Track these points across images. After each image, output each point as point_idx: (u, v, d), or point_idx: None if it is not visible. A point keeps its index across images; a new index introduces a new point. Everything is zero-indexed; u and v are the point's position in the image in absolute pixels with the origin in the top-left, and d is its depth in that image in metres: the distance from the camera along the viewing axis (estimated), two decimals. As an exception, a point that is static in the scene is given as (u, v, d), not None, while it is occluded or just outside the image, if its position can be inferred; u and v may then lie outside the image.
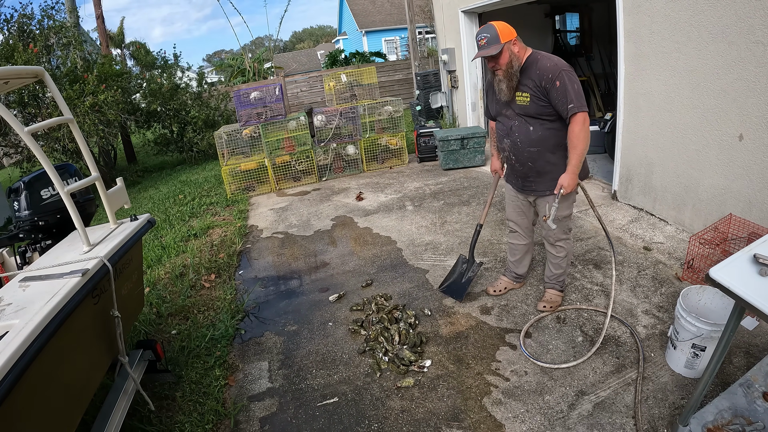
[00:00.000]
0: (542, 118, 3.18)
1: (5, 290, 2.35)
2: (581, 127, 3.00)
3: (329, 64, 22.64)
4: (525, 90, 3.17)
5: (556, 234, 3.53)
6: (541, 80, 3.06)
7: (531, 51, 3.21)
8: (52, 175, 2.49)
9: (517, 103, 3.24)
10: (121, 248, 2.70)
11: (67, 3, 12.58)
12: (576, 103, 2.97)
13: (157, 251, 6.02)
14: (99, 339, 2.58)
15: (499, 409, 2.86)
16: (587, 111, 2.99)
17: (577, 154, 3.06)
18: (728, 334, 1.95)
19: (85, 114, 9.17)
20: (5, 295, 2.27)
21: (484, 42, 3.13)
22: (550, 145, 3.23)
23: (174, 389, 3.40)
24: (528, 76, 3.14)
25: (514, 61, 3.13)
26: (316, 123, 8.40)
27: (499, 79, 3.22)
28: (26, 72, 2.60)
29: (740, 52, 3.76)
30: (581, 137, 3.02)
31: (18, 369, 1.72)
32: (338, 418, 2.96)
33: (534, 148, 3.27)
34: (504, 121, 3.42)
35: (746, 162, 3.93)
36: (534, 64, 3.12)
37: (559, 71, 3.00)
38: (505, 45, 3.08)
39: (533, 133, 3.23)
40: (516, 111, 3.28)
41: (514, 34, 3.13)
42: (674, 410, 2.67)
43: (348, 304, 4.23)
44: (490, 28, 3.12)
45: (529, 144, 3.27)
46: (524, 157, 3.34)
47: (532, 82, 3.12)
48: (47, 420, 2.05)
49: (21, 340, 1.79)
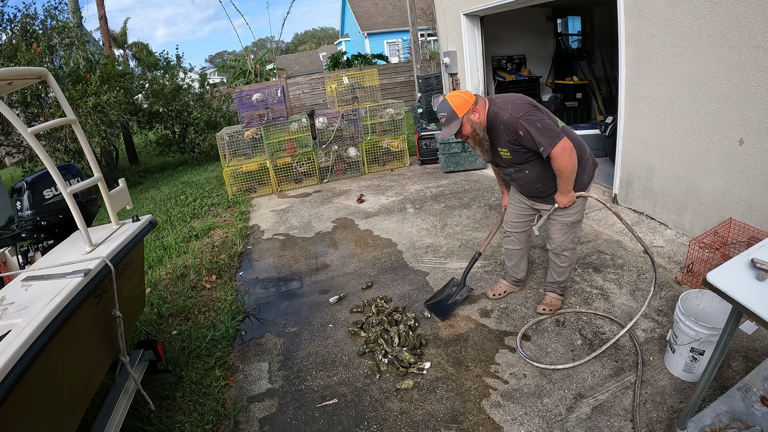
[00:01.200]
0: (532, 160, 3.22)
1: (7, 289, 2.36)
2: (561, 159, 3.01)
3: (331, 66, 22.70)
4: (503, 146, 3.20)
5: (558, 241, 3.52)
6: (507, 134, 3.10)
7: (487, 105, 3.19)
8: (55, 175, 2.50)
9: (502, 157, 3.30)
10: (123, 249, 2.72)
11: (70, 3, 12.61)
12: (546, 143, 2.97)
13: (159, 252, 6.04)
14: (100, 339, 2.60)
15: (497, 411, 2.87)
16: (560, 140, 2.98)
17: (564, 178, 3.13)
18: (726, 338, 1.96)
19: (88, 114, 9.20)
20: (7, 294, 2.29)
21: (443, 120, 3.16)
22: (552, 175, 3.24)
23: (174, 389, 3.42)
24: (497, 133, 3.18)
25: (477, 129, 3.17)
26: (318, 125, 8.42)
27: (472, 146, 3.31)
28: (30, 73, 2.62)
29: (741, 56, 3.77)
30: (564, 166, 3.05)
31: (20, 368, 1.73)
32: (337, 420, 2.97)
33: (538, 184, 3.34)
34: (503, 169, 3.50)
35: (746, 166, 3.94)
36: (495, 121, 3.15)
37: (516, 121, 3.01)
38: (464, 117, 3.12)
39: (531, 174, 3.29)
40: (506, 163, 3.35)
41: (470, 101, 3.13)
42: (672, 414, 2.67)
43: (348, 306, 4.24)
44: (445, 105, 3.14)
45: (532, 183, 3.35)
46: (533, 191, 3.45)
47: (503, 138, 3.15)
48: (48, 419, 2.06)
49: (23, 339, 1.81)
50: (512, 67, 10.74)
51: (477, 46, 9.12)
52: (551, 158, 3.01)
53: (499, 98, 3.20)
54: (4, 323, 2.01)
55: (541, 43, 11.08)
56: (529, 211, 3.68)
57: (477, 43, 9.11)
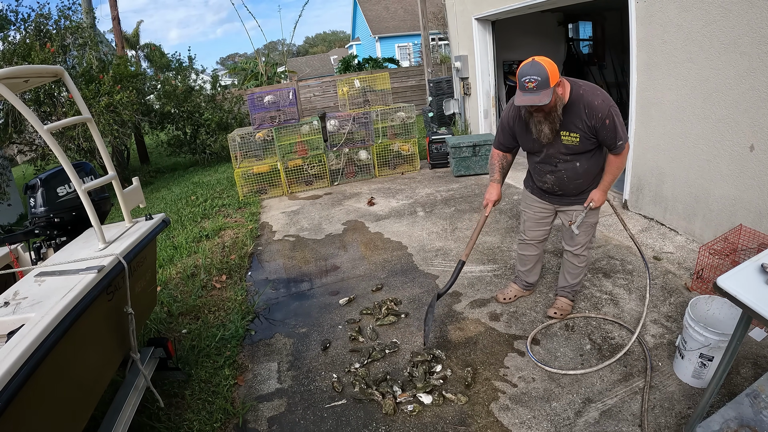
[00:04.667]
0: (588, 152, 3.12)
1: (21, 284, 2.39)
2: (624, 156, 3.05)
3: (342, 69, 22.74)
4: (573, 130, 2.98)
5: (581, 241, 3.49)
6: (591, 119, 2.90)
7: (570, 85, 2.95)
8: (70, 172, 2.53)
9: (563, 143, 3.07)
10: (136, 246, 2.74)
11: (83, 4, 12.74)
12: (624, 137, 2.96)
13: (169, 251, 6.09)
14: (112, 335, 2.63)
15: (506, 414, 2.87)
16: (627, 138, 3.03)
17: (611, 177, 3.15)
18: (735, 343, 1.96)
19: (100, 114, 9.28)
20: (21, 289, 2.32)
21: (533, 85, 2.72)
22: (595, 173, 3.25)
23: (183, 387, 3.44)
24: (575, 115, 2.94)
25: (559, 104, 2.88)
26: (329, 128, 8.46)
27: (538, 121, 2.99)
28: (47, 71, 2.66)
29: (752, 62, 3.76)
30: (620, 166, 3.10)
31: (33, 361, 1.76)
32: (346, 420, 2.98)
33: (581, 179, 3.25)
34: (544, 158, 3.26)
35: (757, 173, 3.92)
36: (577, 103, 2.92)
37: (608, 109, 2.87)
38: (553, 88, 2.75)
39: (580, 167, 3.17)
40: (561, 150, 3.12)
41: (558, 72, 2.79)
42: (681, 419, 2.67)
43: (358, 308, 4.26)
44: (539, 69, 2.72)
45: (576, 177, 3.23)
46: (570, 187, 3.32)
47: (581, 122, 2.94)
48: (59, 412, 2.09)
49: (37, 333, 1.83)
50: (523, 72, 10.71)
51: (488, 50, 9.14)
52: (618, 154, 3.02)
53: (581, 81, 3.00)
54: (17, 317, 2.04)
55: (553, 48, 11.09)
56: (549, 215, 3.62)
57: (488, 48, 9.12)
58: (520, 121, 3.20)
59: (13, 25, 9.98)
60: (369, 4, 33.96)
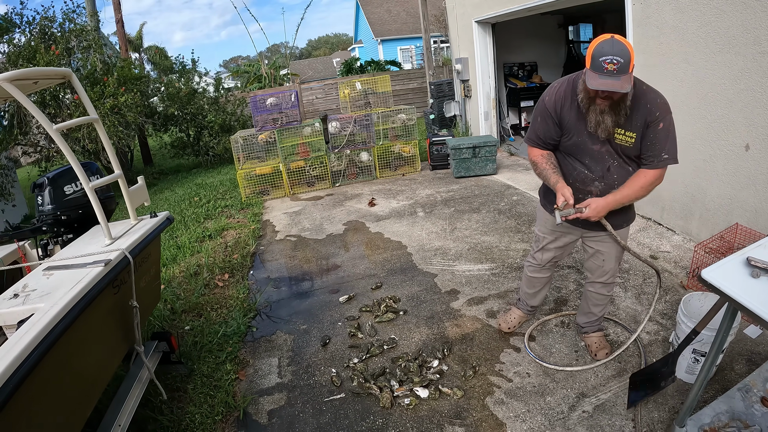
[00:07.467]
0: (638, 159, 2.67)
1: (30, 278, 2.46)
2: (657, 178, 2.59)
3: (344, 71, 22.77)
4: (631, 129, 2.56)
5: (610, 269, 3.06)
6: (647, 116, 2.50)
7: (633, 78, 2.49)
8: (78, 170, 2.60)
9: (617, 142, 2.61)
10: (141, 242, 2.81)
11: (87, 7, 12.84)
12: (671, 153, 2.53)
13: (173, 250, 6.15)
14: (117, 327, 2.69)
15: (501, 408, 2.93)
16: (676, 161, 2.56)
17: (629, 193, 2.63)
18: (722, 335, 2.01)
19: (105, 116, 9.36)
20: (30, 282, 2.39)
21: (614, 67, 2.29)
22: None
23: (186, 382, 3.51)
24: (638, 111, 2.53)
25: (631, 93, 2.45)
26: (331, 129, 8.52)
27: (602, 110, 2.53)
28: (55, 73, 2.73)
29: (747, 62, 3.82)
30: (647, 185, 2.60)
31: (42, 348, 1.82)
32: (344, 413, 3.04)
33: None
34: (591, 162, 2.75)
35: (752, 172, 3.97)
36: (642, 98, 2.52)
37: (668, 114, 2.52)
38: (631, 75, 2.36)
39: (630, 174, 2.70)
40: (615, 150, 2.67)
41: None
42: (674, 414, 2.71)
43: (358, 305, 4.31)
44: (621, 48, 2.31)
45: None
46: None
47: (641, 119, 2.52)
48: (64, 401, 2.16)
49: (46, 321, 1.90)
50: (524, 74, 10.78)
51: (489, 53, 9.20)
52: (654, 168, 2.56)
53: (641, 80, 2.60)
54: (27, 307, 2.11)
55: (553, 51, 11.13)
56: (576, 240, 3.16)
57: (489, 50, 9.18)
58: (572, 107, 2.67)
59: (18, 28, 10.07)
60: (371, 7, 34.03)
